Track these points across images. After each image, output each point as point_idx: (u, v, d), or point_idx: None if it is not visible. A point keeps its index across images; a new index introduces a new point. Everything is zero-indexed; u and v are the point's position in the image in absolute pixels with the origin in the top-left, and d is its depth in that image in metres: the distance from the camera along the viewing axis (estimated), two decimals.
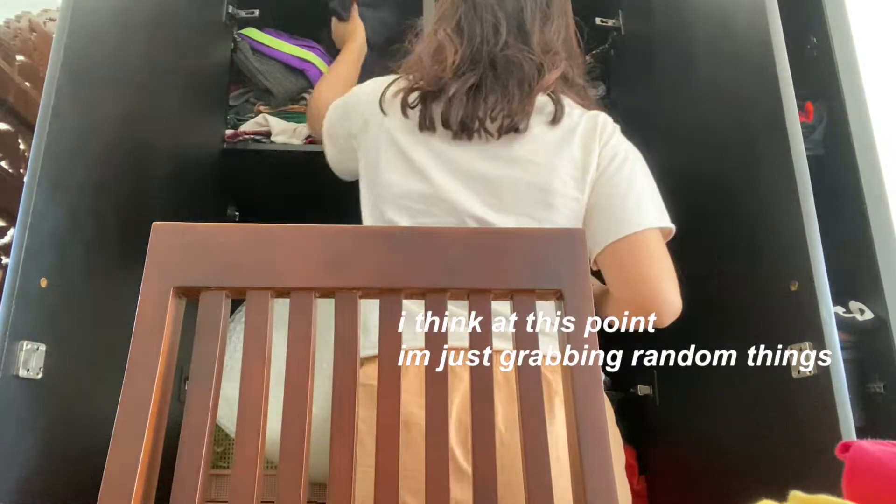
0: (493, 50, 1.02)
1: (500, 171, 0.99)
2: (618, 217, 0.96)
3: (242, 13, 1.58)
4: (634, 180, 0.99)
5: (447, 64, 1.03)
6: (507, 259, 0.67)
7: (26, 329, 0.80)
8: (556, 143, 1.00)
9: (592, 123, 1.01)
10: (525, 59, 1.01)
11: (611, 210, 0.97)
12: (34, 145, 0.84)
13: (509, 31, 1.03)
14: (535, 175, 0.98)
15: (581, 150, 0.99)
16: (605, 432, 0.61)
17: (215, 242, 0.66)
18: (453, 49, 1.04)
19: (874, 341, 1.03)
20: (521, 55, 1.01)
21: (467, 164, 1.00)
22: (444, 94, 1.01)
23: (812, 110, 1.22)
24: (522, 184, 0.98)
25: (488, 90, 1.00)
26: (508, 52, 1.02)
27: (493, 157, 1.00)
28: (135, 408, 0.60)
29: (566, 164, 0.98)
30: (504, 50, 1.02)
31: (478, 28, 1.04)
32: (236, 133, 1.48)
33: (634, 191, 0.98)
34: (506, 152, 1.00)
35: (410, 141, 1.02)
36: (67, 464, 0.89)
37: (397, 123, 1.04)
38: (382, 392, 0.63)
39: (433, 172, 1.00)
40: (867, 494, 0.44)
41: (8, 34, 1.43)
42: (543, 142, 1.00)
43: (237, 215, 1.63)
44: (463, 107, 1.00)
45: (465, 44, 1.04)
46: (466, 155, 1.01)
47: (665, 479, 1.33)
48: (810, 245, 0.87)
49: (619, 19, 1.61)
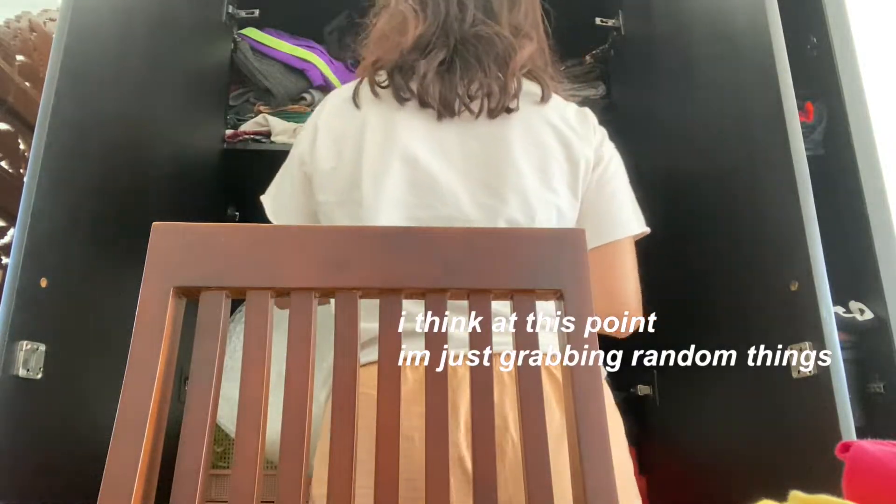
0: (462, 27, 0.98)
1: (499, 153, 0.94)
2: (599, 222, 0.96)
3: (242, 13, 1.58)
4: (620, 185, 0.98)
5: (409, 35, 0.97)
6: (507, 259, 0.67)
7: (26, 329, 0.80)
8: (549, 124, 0.96)
9: (583, 117, 0.99)
10: (497, 33, 0.97)
11: (595, 213, 0.96)
12: (34, 145, 0.84)
13: (476, 8, 0.99)
14: (535, 158, 0.94)
15: (575, 135, 0.96)
16: (606, 432, 0.61)
17: (215, 242, 0.66)
18: (415, 21, 0.98)
19: (874, 341, 1.03)
20: (491, 31, 0.97)
21: (462, 150, 0.95)
22: (414, 72, 0.95)
23: (812, 110, 1.22)
24: (524, 165, 0.94)
25: (463, 65, 0.96)
26: (478, 28, 0.97)
27: (489, 140, 0.95)
28: (135, 408, 0.60)
29: (560, 147, 0.95)
30: (474, 26, 0.98)
31: (442, 2, 0.99)
32: (236, 133, 1.48)
33: (617, 196, 0.97)
34: (504, 134, 0.95)
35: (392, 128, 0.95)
36: (67, 464, 0.89)
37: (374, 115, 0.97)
38: (382, 394, 0.63)
39: (429, 160, 0.94)
40: (867, 494, 0.44)
41: (8, 34, 1.43)
42: (536, 123, 0.96)
43: (237, 215, 1.63)
44: (440, 81, 0.95)
45: (429, 17, 0.98)
46: (459, 137, 0.95)
47: (665, 479, 1.33)
48: (810, 245, 0.87)
49: (619, 19, 1.61)
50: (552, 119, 0.97)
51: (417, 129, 0.96)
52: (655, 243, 1.03)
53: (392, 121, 0.96)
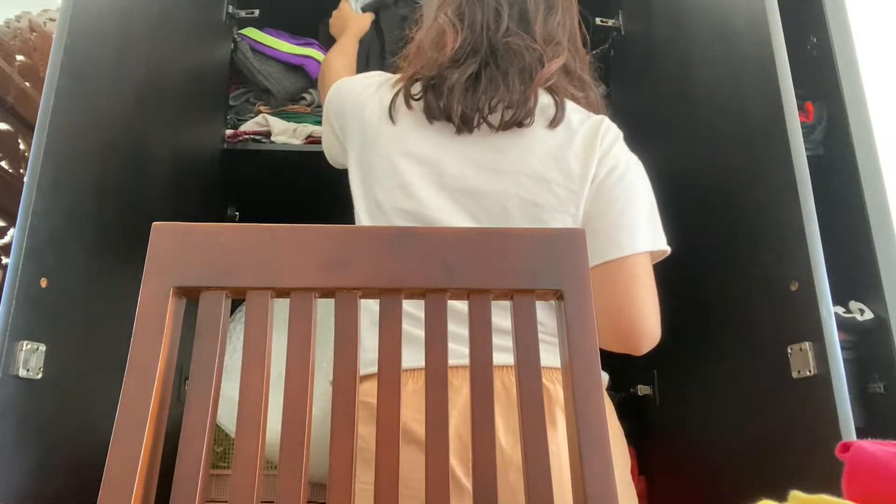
0: (495, 36, 0.98)
1: (491, 185, 0.94)
2: (610, 236, 0.90)
3: (242, 13, 1.58)
4: (633, 197, 0.93)
5: (447, 49, 0.99)
6: (507, 259, 0.67)
7: (26, 329, 0.80)
8: (552, 152, 0.95)
9: (593, 131, 0.96)
10: (527, 47, 0.97)
11: (604, 227, 0.91)
12: (34, 145, 0.84)
13: (511, 18, 0.99)
14: (527, 190, 0.93)
15: (578, 160, 0.94)
16: (606, 434, 0.61)
17: (215, 242, 0.66)
18: (454, 34, 1.00)
19: (874, 341, 1.03)
20: (522, 43, 0.97)
21: (458, 179, 0.95)
22: (444, 83, 0.97)
23: (812, 110, 1.22)
24: (514, 199, 0.93)
25: (488, 79, 0.96)
26: (510, 39, 0.98)
27: (486, 168, 0.95)
28: (135, 408, 0.60)
29: (560, 177, 0.93)
30: (506, 37, 0.98)
31: (479, 13, 1.00)
32: (236, 133, 1.48)
33: (631, 209, 0.92)
34: (502, 160, 0.95)
35: (403, 146, 0.98)
36: (67, 464, 0.89)
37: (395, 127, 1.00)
38: (382, 396, 0.63)
39: (421, 190, 0.95)
40: (867, 494, 0.44)
41: (8, 34, 1.43)
42: (539, 150, 0.95)
43: (237, 215, 1.63)
44: (463, 97, 0.96)
45: (465, 28, 1.00)
46: (460, 159, 0.96)
47: (665, 479, 1.33)
48: (810, 245, 0.87)
49: (619, 19, 1.61)
50: (555, 150, 0.95)
51: (430, 142, 0.97)
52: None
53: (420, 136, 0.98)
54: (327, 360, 0.93)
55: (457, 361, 0.77)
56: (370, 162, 1.00)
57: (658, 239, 0.94)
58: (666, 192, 1.02)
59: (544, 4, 1.02)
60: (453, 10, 1.03)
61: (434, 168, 0.96)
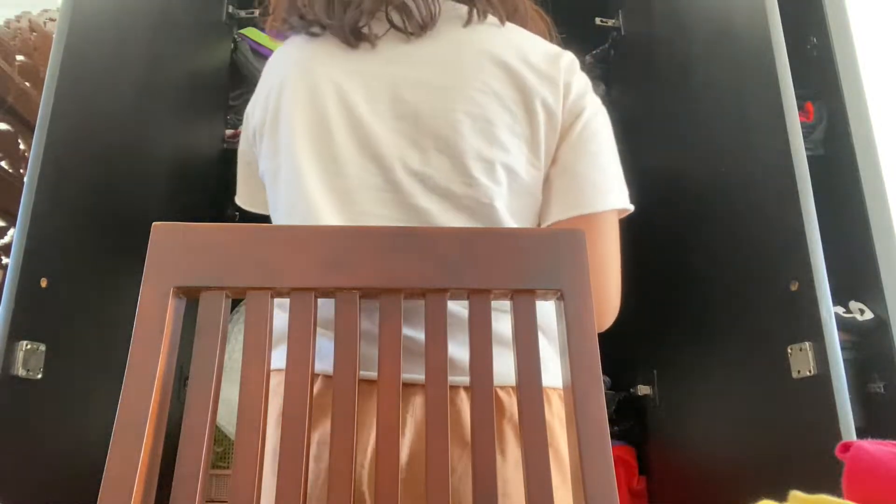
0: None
1: (434, 104, 0.77)
2: (576, 188, 0.78)
3: (242, 13, 1.58)
4: (601, 146, 0.81)
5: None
6: (507, 259, 0.67)
7: (26, 329, 0.80)
8: (495, 59, 0.78)
9: (552, 64, 0.80)
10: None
11: (573, 177, 0.79)
12: (34, 145, 0.84)
13: None
14: (478, 105, 0.77)
15: (529, 94, 0.78)
16: (606, 434, 0.61)
17: (215, 242, 0.66)
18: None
19: (874, 341, 1.03)
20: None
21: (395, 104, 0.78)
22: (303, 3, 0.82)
23: (812, 110, 1.22)
24: (465, 117, 0.77)
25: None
26: None
27: (419, 84, 0.78)
28: (135, 408, 0.60)
29: (512, 93, 0.78)
30: None
31: None
32: (236, 133, 1.48)
33: (599, 160, 0.80)
34: (429, 68, 0.78)
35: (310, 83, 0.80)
36: (67, 464, 0.89)
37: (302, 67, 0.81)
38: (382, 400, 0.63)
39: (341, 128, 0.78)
40: (867, 494, 0.44)
41: (8, 34, 1.43)
42: (477, 60, 0.78)
43: (237, 215, 1.63)
44: (327, 2, 0.80)
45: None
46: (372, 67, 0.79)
47: (665, 479, 1.33)
48: (810, 245, 0.87)
49: (619, 19, 1.61)
50: (503, 55, 0.78)
51: (336, 68, 0.80)
52: (655, 243, 1.03)
53: (302, 64, 0.81)
54: None
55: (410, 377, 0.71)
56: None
57: (624, 195, 0.81)
58: (666, 192, 1.02)
59: None
60: None
61: (359, 78, 0.80)
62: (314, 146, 0.78)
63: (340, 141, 0.78)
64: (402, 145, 0.77)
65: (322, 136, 0.78)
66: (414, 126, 0.77)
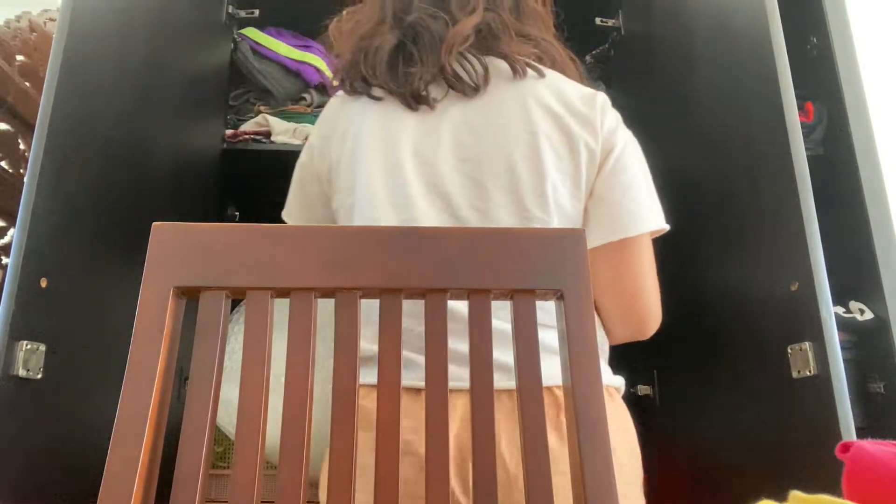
0: (405, 16, 0.94)
1: (490, 147, 0.89)
2: (614, 216, 0.89)
3: (242, 13, 1.58)
4: (633, 176, 0.91)
5: (363, 31, 0.97)
6: (507, 259, 0.67)
7: (26, 329, 0.80)
8: (541, 103, 0.90)
9: (589, 104, 0.91)
10: (433, 18, 0.92)
11: (607, 208, 0.89)
12: (34, 145, 0.84)
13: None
14: (528, 146, 0.88)
15: (572, 136, 0.89)
16: (606, 434, 0.61)
17: (215, 242, 0.66)
18: (367, 18, 0.98)
19: (874, 341, 1.03)
20: (428, 18, 0.93)
21: (457, 148, 0.90)
22: (371, 69, 0.94)
23: (812, 110, 1.22)
24: (519, 157, 0.88)
25: (406, 59, 0.93)
26: (417, 15, 0.94)
27: (469, 123, 0.90)
28: (135, 408, 0.60)
29: (556, 135, 0.89)
30: (416, 13, 0.94)
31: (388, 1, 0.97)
32: (236, 133, 1.48)
33: (632, 188, 0.90)
34: (484, 117, 0.90)
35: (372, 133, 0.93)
36: (67, 464, 0.89)
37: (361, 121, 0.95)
38: (381, 405, 0.63)
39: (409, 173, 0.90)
40: (867, 494, 0.44)
41: (8, 34, 1.43)
42: (525, 106, 0.90)
43: (237, 215, 1.63)
44: (390, 71, 0.93)
45: (378, 13, 0.97)
46: (426, 126, 0.91)
47: (665, 479, 1.33)
48: (810, 245, 0.87)
49: (619, 19, 1.61)
50: (546, 100, 0.90)
51: (405, 124, 0.92)
52: (655, 243, 1.02)
53: (377, 119, 0.93)
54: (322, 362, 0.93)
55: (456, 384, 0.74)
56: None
57: (659, 217, 0.92)
58: (665, 192, 1.02)
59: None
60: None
61: (422, 132, 0.92)
62: (388, 185, 0.90)
63: (411, 181, 0.89)
64: (465, 184, 0.88)
65: (395, 176, 0.90)
66: (476, 167, 0.89)
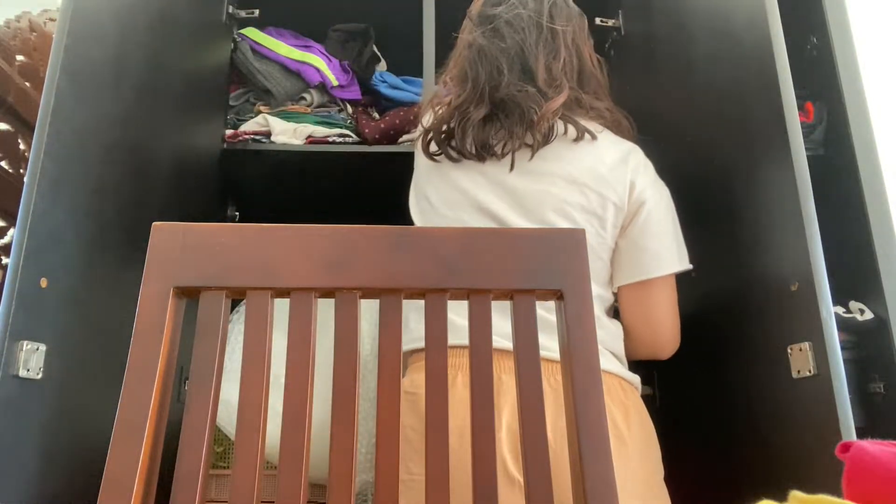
0: (496, 92, 1.06)
1: (529, 185, 1.04)
2: (640, 259, 1.04)
3: (242, 13, 1.58)
4: (663, 227, 1.04)
5: (453, 106, 1.09)
6: (507, 259, 0.67)
7: (26, 329, 0.80)
8: (585, 162, 1.04)
9: (622, 158, 1.05)
10: (524, 95, 1.04)
11: (637, 251, 1.04)
12: (34, 145, 0.84)
13: (512, 71, 1.06)
14: (560, 189, 1.03)
15: (610, 177, 1.03)
16: (606, 433, 0.61)
17: (215, 242, 0.66)
18: (457, 92, 1.10)
19: (874, 341, 1.03)
20: (519, 94, 1.05)
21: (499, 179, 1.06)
22: (457, 135, 1.07)
23: (812, 110, 1.22)
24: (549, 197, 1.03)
25: (496, 127, 1.05)
26: (509, 91, 1.05)
27: (531, 174, 1.05)
28: (135, 408, 0.60)
29: (591, 182, 1.03)
30: (506, 89, 1.05)
31: (482, 72, 1.08)
32: (236, 133, 1.48)
33: (658, 237, 1.04)
34: (542, 169, 1.04)
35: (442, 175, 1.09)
36: (67, 464, 0.89)
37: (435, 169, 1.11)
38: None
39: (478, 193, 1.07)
40: (867, 494, 0.44)
41: (8, 34, 1.42)
42: (571, 158, 1.04)
43: (237, 215, 1.63)
44: (474, 135, 1.05)
45: (469, 87, 1.09)
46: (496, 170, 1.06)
47: (665, 479, 1.32)
48: (810, 245, 0.87)
49: (619, 19, 1.61)
50: (586, 160, 1.04)
51: (478, 179, 1.07)
52: None
53: (453, 177, 1.08)
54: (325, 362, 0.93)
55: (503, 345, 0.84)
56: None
57: (683, 259, 1.05)
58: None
59: (544, 51, 1.08)
60: (457, 73, 1.13)
61: (495, 185, 1.07)
62: (449, 208, 1.08)
63: (467, 207, 1.07)
64: (508, 211, 1.04)
65: (456, 205, 1.07)
66: (518, 202, 1.05)
